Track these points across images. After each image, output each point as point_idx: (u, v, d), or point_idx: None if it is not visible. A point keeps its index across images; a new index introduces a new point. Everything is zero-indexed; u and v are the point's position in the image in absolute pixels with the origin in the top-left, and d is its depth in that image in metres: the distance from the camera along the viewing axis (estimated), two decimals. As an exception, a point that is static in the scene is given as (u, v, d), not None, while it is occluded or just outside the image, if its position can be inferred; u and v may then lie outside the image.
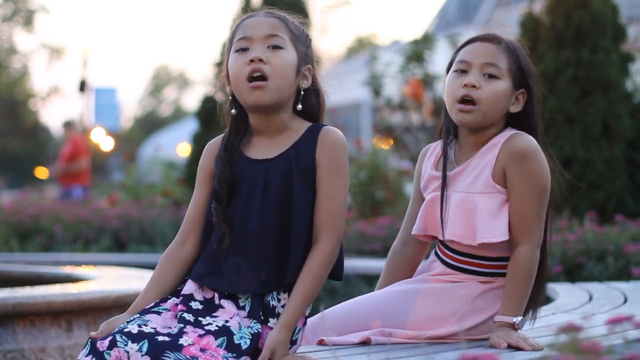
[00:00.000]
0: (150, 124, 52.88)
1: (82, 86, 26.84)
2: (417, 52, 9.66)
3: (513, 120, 2.97)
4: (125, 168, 12.38)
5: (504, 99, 2.93)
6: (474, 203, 2.87)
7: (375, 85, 10.01)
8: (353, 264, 6.85)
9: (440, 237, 2.97)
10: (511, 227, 2.85)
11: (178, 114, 52.04)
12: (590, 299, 4.04)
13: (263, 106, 2.63)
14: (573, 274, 6.04)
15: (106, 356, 2.41)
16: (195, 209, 2.71)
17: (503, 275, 2.91)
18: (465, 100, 2.92)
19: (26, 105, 47.00)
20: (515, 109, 2.96)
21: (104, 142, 28.42)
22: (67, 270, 5.45)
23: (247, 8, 10.05)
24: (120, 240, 8.70)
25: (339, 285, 7.18)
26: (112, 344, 2.42)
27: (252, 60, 2.61)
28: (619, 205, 8.02)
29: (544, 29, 8.41)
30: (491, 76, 2.92)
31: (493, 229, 2.85)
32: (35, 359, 4.08)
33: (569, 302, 3.93)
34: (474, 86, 2.90)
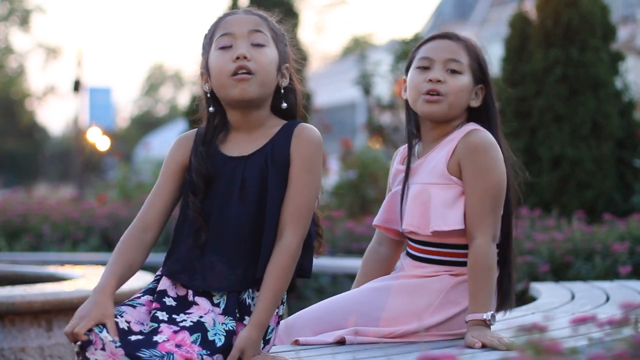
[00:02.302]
0: (146, 123, 52.86)
1: (77, 86, 26.78)
2: (407, 51, 9.64)
3: (473, 115, 3.03)
4: (118, 167, 12.35)
5: (467, 92, 2.99)
6: (429, 194, 2.92)
7: (365, 84, 10.01)
8: (341, 263, 6.84)
9: (399, 229, 3.02)
10: (466, 221, 2.88)
11: (174, 114, 51.98)
12: (573, 298, 4.03)
13: (247, 100, 2.63)
14: (560, 273, 6.03)
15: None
16: (162, 199, 2.69)
17: None
18: (431, 94, 2.97)
19: (22, 104, 46.96)
20: (475, 103, 3.02)
21: (100, 141, 28.39)
22: (51, 269, 5.43)
23: (234, 7, 10.02)
24: (109, 239, 8.67)
25: (328, 284, 7.17)
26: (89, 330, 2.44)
27: (237, 58, 2.61)
28: (608, 204, 8.01)
29: (533, 27, 8.41)
30: (454, 71, 2.98)
31: (446, 218, 2.88)
32: (15, 358, 4.06)
33: (550, 301, 3.92)
34: (439, 81, 2.96)
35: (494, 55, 9.49)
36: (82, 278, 4.85)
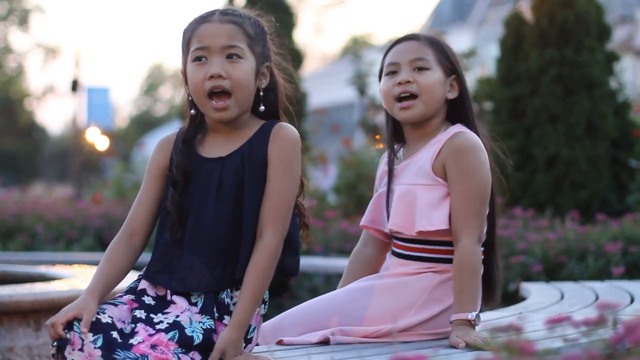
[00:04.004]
0: (145, 123, 52.84)
1: (75, 86, 26.75)
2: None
3: (452, 109, 3.05)
4: (116, 167, 12.34)
5: (440, 86, 3.01)
6: (415, 194, 2.94)
7: (359, 84, 10.01)
8: (335, 263, 6.83)
9: (385, 229, 3.03)
10: (452, 222, 2.89)
11: (173, 113, 51.93)
12: (562, 298, 4.02)
13: (227, 121, 2.65)
14: (553, 273, 6.02)
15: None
16: (146, 204, 2.70)
17: None
18: (403, 98, 2.99)
19: (21, 104, 46.95)
20: (452, 95, 3.04)
21: (99, 141, 28.37)
22: (42, 269, 5.41)
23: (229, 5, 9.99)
24: (103, 239, 8.65)
25: (321, 284, 7.16)
26: (69, 327, 2.44)
27: (212, 77, 2.59)
28: (603, 204, 8.01)
29: (529, 27, 8.41)
30: (421, 68, 3.00)
31: (431, 218, 2.90)
32: (3, 358, 4.05)
33: (539, 301, 3.91)
34: (408, 81, 2.99)
35: (492, 55, 9.47)
36: (72, 278, 4.84)
